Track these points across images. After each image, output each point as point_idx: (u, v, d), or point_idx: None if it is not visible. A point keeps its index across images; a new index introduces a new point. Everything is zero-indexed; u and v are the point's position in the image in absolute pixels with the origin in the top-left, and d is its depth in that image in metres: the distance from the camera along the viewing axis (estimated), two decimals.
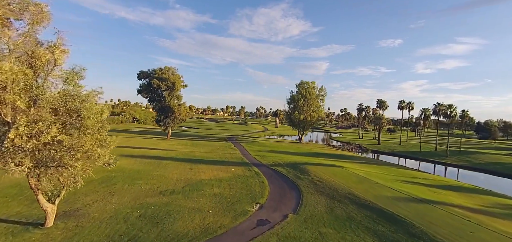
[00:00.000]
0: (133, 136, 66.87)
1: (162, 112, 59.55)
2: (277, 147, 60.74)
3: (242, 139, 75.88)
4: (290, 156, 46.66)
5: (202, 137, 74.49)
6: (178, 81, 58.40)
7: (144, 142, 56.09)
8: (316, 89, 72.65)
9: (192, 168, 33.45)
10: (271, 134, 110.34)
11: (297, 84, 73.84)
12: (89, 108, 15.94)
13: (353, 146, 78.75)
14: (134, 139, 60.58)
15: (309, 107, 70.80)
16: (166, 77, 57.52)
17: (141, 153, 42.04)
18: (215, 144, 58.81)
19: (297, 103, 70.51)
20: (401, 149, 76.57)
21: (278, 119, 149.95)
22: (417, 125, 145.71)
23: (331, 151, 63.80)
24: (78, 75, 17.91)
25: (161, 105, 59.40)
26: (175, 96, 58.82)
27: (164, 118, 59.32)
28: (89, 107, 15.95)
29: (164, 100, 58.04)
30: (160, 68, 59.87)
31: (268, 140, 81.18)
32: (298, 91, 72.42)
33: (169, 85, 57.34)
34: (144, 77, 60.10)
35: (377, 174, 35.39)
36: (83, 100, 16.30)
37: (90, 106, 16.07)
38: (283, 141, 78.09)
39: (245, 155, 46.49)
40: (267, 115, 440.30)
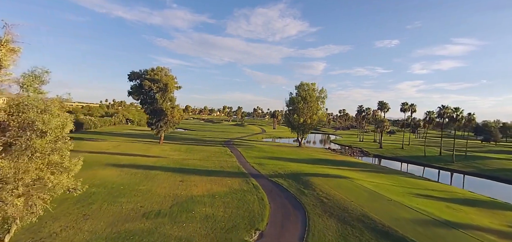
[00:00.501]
0: (124, 139, 63.27)
1: (154, 116, 56.05)
2: (276, 152, 57.59)
3: (239, 142, 72.62)
4: (291, 164, 43.54)
5: (197, 141, 71.08)
6: (171, 83, 54.94)
7: (135, 147, 52.58)
8: (316, 91, 69.63)
9: (183, 179, 30.12)
10: (269, 136, 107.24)
11: (296, 86, 70.81)
12: (47, 121, 12.62)
13: (354, 150, 75.89)
14: (124, 143, 57.02)
15: (309, 110, 67.73)
16: (158, 79, 54.02)
17: (129, 162, 38.59)
18: (210, 149, 55.46)
19: (297, 105, 67.41)
20: (404, 153, 73.87)
21: (276, 120, 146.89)
22: (417, 126, 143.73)
23: (333, 156, 60.81)
24: (38, 79, 14.58)
25: (153, 108, 55.89)
26: (168, 99, 55.35)
27: (156, 122, 55.83)
28: (47, 120, 12.63)
29: (156, 103, 54.55)
30: (152, 69, 56.35)
31: (266, 143, 78.04)
32: (298, 93, 69.32)
33: (161, 86, 53.86)
34: (135, 78, 56.53)
35: (387, 187, 32.37)
36: (42, 111, 13.03)
37: (49, 118, 12.75)
38: (281, 144, 75.01)
39: (242, 162, 43.25)
40: (264, 115, 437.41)
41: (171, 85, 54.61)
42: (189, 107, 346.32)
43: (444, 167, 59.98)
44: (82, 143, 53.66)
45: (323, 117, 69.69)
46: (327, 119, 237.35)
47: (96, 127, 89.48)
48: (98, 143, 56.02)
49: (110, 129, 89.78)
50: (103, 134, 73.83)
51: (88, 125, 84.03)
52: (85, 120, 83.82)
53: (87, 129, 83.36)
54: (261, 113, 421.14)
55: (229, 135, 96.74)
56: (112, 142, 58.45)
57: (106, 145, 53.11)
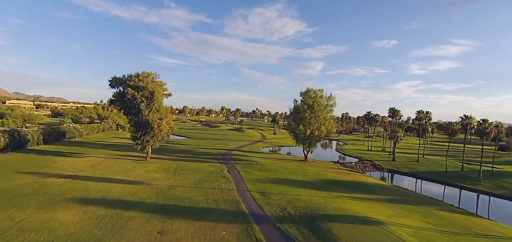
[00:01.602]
0: (107, 154, 55.55)
1: (139, 128, 48.40)
2: (280, 171, 50.08)
3: (238, 155, 65.06)
4: (300, 192, 36.14)
5: (191, 154, 63.45)
6: (158, 91, 47.27)
7: (115, 166, 44.90)
8: (324, 98, 62.21)
9: (163, 229, 22.54)
10: (270, 144, 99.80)
11: (302, 93, 63.28)
12: None
13: (366, 164, 68.51)
14: (105, 160, 49.33)
15: (316, 120, 60.27)
16: (143, 86, 46.37)
17: (102, 193, 30.98)
18: (204, 168, 47.83)
19: (303, 115, 59.88)
20: (421, 168, 66.55)
21: (277, 125, 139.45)
22: (424, 131, 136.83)
23: (345, 175, 53.36)
24: None
25: (137, 120, 48.24)
26: (155, 109, 47.66)
27: (142, 136, 48.19)
28: None
29: (140, 114, 46.87)
30: (136, 74, 48.67)
31: (268, 156, 70.54)
32: (303, 101, 61.82)
33: (147, 95, 46.20)
34: (117, 84, 48.84)
35: (432, 237, 24.88)
36: None
37: None
38: (286, 159, 67.39)
39: (242, 190, 35.69)
40: (263, 116, 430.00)
41: (158, 93, 46.94)
42: (187, 108, 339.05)
43: (471, 187, 52.67)
44: (56, 161, 45.97)
45: (332, 128, 62.22)
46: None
47: (82, 135, 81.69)
48: (74, 160, 48.33)
49: (96, 138, 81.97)
50: (86, 145, 66.10)
51: (71, 133, 76.25)
52: (69, 129, 75.98)
53: (71, 138, 75.59)
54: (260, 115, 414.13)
55: (227, 143, 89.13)
56: (92, 158, 50.75)
57: (82, 164, 45.41)
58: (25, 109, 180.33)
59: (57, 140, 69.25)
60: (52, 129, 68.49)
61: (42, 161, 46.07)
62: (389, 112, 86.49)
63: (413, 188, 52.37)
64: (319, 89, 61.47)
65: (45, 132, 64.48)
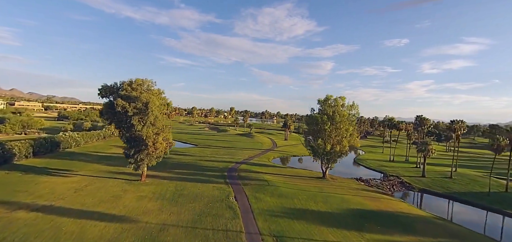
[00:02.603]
0: (98, 171, 49.18)
1: (132, 145, 41.58)
2: (297, 196, 42.31)
3: (247, 171, 57.61)
4: (326, 233, 28.35)
5: (194, 169, 56.44)
6: (154, 101, 40.21)
7: (103, 191, 38.21)
8: (346, 107, 53.88)
9: None
10: (281, 152, 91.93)
11: (320, 100, 55.08)
12: None
13: (393, 182, 59.77)
14: (93, 181, 42.81)
15: (337, 132, 52.06)
16: (135, 96, 39.45)
17: (73, 236, 24.17)
18: (207, 193, 40.59)
19: (321, 127, 51.74)
20: (457, 188, 57.28)
21: (288, 130, 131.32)
22: (448, 138, 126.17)
23: (375, 200, 45.06)
24: None
25: (130, 135, 41.43)
26: (150, 123, 40.66)
27: (135, 154, 41.33)
28: None
29: (133, 129, 39.99)
30: (130, 81, 41.86)
31: (280, 173, 62.72)
32: (322, 110, 53.65)
33: (140, 107, 39.23)
34: (107, 94, 42.20)
35: None
36: None
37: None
38: (301, 175, 59.21)
39: (252, 235, 28.16)
40: (272, 117, 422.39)
41: (154, 104, 39.88)
42: (195, 109, 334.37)
43: None
44: (37, 182, 39.77)
45: (356, 143, 53.66)
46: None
47: (79, 144, 76.06)
48: (59, 180, 42.04)
49: (95, 147, 76.20)
50: (80, 157, 60.14)
51: (67, 143, 70.59)
52: (64, 139, 70.29)
53: (66, 148, 69.96)
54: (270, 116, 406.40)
55: (235, 153, 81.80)
56: (79, 177, 44.35)
57: (65, 187, 38.97)
58: (31, 112, 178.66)
59: (50, 151, 63.60)
60: (44, 140, 62.84)
61: (22, 182, 39.91)
62: (415, 120, 77.29)
63: (457, 217, 43.64)
64: (340, 97, 53.16)
65: (35, 143, 58.78)
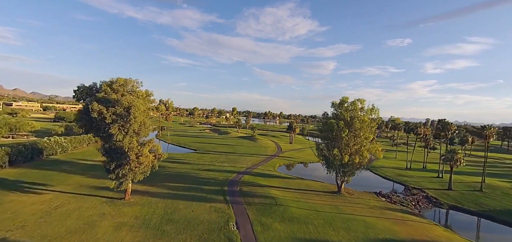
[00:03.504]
0: (77, 186, 42.31)
1: (112, 158, 34.53)
2: (312, 220, 35.01)
3: (251, 185, 50.43)
4: None
5: (190, 181, 49.36)
6: (138, 106, 33.06)
7: (75, 216, 31.22)
8: (365, 111, 46.37)
9: None
10: (287, 158, 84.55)
11: (335, 103, 47.62)
12: None
13: (417, 196, 52.12)
14: (68, 200, 35.88)
15: (356, 141, 44.60)
16: (115, 99, 32.41)
17: None
18: (202, 218, 33.44)
19: (338, 134, 44.27)
20: (492, 203, 49.52)
21: (293, 133, 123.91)
22: (463, 142, 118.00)
23: (403, 224, 37.61)
24: None
25: (109, 146, 34.40)
26: (133, 131, 33.55)
27: (115, 169, 34.26)
28: None
29: (113, 139, 32.92)
30: (110, 81, 34.85)
31: (289, 186, 55.35)
32: (338, 115, 46.21)
33: (121, 113, 32.12)
34: (83, 96, 35.21)
35: None
36: None
37: None
38: (313, 189, 51.62)
39: None
40: (275, 118, 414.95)
41: (137, 109, 32.74)
42: (196, 110, 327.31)
43: None
44: (1, 202, 32.92)
45: (378, 153, 45.95)
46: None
47: (66, 150, 69.38)
48: (27, 199, 35.22)
49: (82, 153, 69.43)
50: (62, 167, 53.36)
51: (52, 150, 63.88)
52: (48, 144, 63.53)
53: (51, 155, 63.32)
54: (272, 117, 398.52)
55: (237, 160, 74.60)
56: (53, 195, 37.45)
57: (32, 209, 32.09)
58: (28, 113, 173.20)
59: (31, 159, 56.92)
60: (23, 146, 56.11)
61: None
62: (438, 125, 69.62)
63: None
64: (359, 99, 45.64)
65: (12, 151, 52.12)
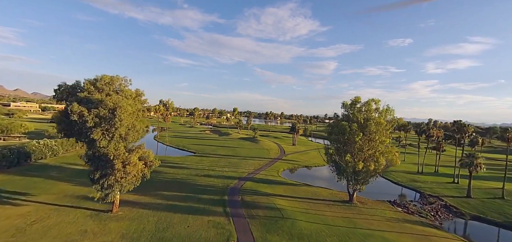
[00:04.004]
0: (62, 195, 38.16)
1: (97, 167, 30.34)
2: (323, 234, 30.70)
3: (253, 195, 46.21)
4: None
5: (187, 189, 45.17)
6: (125, 107, 28.83)
7: (54, 232, 27.08)
8: (379, 112, 41.95)
9: None
10: (291, 162, 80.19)
11: (346, 104, 43.20)
12: None
13: (436, 206, 47.64)
14: (48, 214, 31.73)
15: (370, 146, 40.19)
16: (99, 99, 28.22)
17: None
18: (199, 234, 29.21)
19: (350, 137, 39.86)
20: None
21: (296, 135, 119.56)
22: (473, 143, 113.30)
23: (424, 238, 33.26)
24: None
25: (92, 153, 30.22)
26: (119, 136, 29.32)
27: (100, 179, 30.05)
28: None
29: (96, 144, 28.72)
30: (95, 79, 30.71)
31: (296, 195, 51.04)
32: (350, 116, 41.82)
33: (105, 115, 27.91)
34: (64, 97, 31.02)
35: None
36: None
37: None
38: (322, 198, 47.19)
39: None
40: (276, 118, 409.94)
41: (123, 111, 28.49)
42: (197, 110, 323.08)
43: None
44: None
45: (396, 159, 41.36)
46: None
47: (57, 153, 65.30)
48: (5, 210, 31.50)
49: (73, 158, 65.05)
50: (49, 172, 49.35)
51: (41, 153, 59.81)
52: (37, 148, 59.46)
53: (40, 158, 59.31)
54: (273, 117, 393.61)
55: (238, 164, 70.35)
56: (33, 206, 33.32)
57: (6, 223, 28.25)
58: (25, 113, 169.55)
59: (17, 164, 52.89)
60: (9, 151, 52.11)
61: None
62: (453, 126, 65.21)
63: None
64: (373, 99, 41.23)
65: None
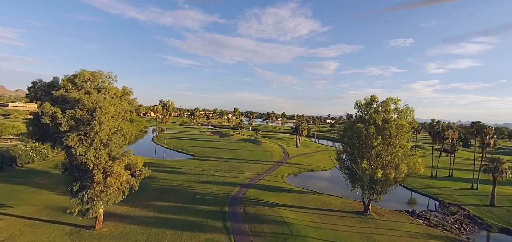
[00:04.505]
0: (43, 207, 33.89)
1: (76, 177, 25.97)
2: None
3: (257, 205, 41.76)
4: None
5: (183, 199, 40.77)
6: (106, 108, 24.39)
7: None
8: (398, 112, 37.29)
9: None
10: (296, 165, 75.60)
11: (360, 104, 38.55)
12: None
13: (459, 217, 42.97)
14: (24, 231, 27.46)
15: (389, 151, 35.55)
16: (75, 98, 23.83)
17: None
18: None
19: (367, 141, 35.21)
20: None
21: (300, 136, 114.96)
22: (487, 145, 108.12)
23: None
24: None
25: (70, 162, 25.86)
26: (100, 142, 24.90)
27: (79, 191, 25.67)
28: None
29: (73, 151, 24.34)
30: (73, 75, 26.35)
31: (304, 205, 46.47)
32: (365, 117, 37.21)
33: (83, 116, 23.50)
34: (38, 95, 26.66)
35: None
36: None
37: None
38: (334, 209, 42.61)
39: None
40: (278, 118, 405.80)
41: (104, 113, 24.05)
42: (197, 111, 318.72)
43: None
44: None
45: (419, 167, 36.25)
46: None
47: (46, 157, 61.06)
48: None
49: None
50: (34, 179, 45.24)
51: (27, 157, 55.57)
52: (23, 151, 55.23)
53: (27, 163, 55.10)
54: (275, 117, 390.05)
55: (240, 167, 65.89)
56: (6, 222, 28.99)
57: None
58: (22, 114, 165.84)
59: (0, 169, 48.75)
60: None
61: None
62: (472, 127, 60.60)
63: None
64: (392, 99, 36.61)
65: None
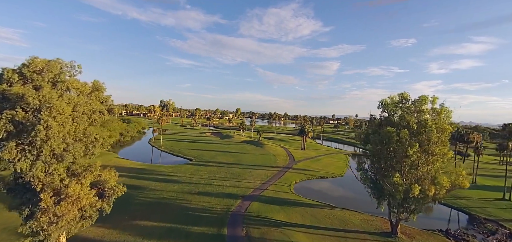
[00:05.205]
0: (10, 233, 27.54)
1: (24, 200, 19.54)
2: None
3: (262, 223, 35.20)
4: None
5: (172, 217, 34.29)
6: (57, 107, 17.86)
7: None
8: (436, 113, 30.57)
9: None
10: (303, 171, 68.94)
11: (386, 103, 31.82)
12: None
13: (502, 238, 36.15)
14: None
15: (427, 160, 28.85)
16: (18, 94, 17.37)
17: None
18: None
19: (399, 149, 28.46)
20: None
21: (305, 138, 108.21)
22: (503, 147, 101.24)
23: None
24: None
25: (15, 178, 19.47)
26: (51, 154, 18.42)
27: (29, 218, 19.22)
28: None
29: (12, 166, 17.92)
30: (23, 64, 19.89)
31: (317, 223, 39.88)
32: (398, 121, 30.52)
33: (25, 119, 17.03)
34: None
35: None
36: None
37: None
38: (355, 231, 35.80)
39: None
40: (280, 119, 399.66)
41: (56, 112, 17.57)
42: (198, 111, 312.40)
43: None
44: None
45: (463, 180, 29.30)
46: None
47: None
48: None
49: None
50: None
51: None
52: None
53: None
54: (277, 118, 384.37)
55: (242, 174, 59.35)
56: None
57: None
58: None
59: None
60: None
61: None
62: (503, 129, 53.92)
63: None
64: (431, 97, 29.72)
65: None
